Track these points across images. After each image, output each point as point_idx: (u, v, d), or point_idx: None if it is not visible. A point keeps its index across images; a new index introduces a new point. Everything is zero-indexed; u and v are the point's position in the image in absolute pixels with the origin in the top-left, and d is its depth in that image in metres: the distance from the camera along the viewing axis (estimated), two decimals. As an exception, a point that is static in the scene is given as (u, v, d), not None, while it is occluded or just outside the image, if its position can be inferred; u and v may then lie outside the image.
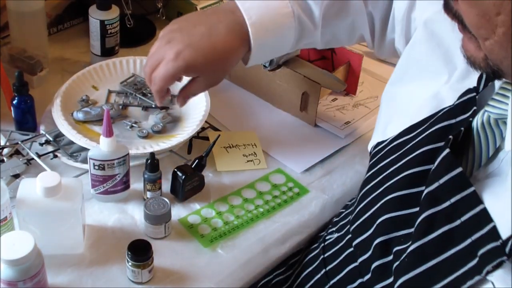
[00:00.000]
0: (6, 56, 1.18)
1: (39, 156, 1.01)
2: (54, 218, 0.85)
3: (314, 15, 0.95)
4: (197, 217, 0.97)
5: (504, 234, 0.60)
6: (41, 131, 1.06)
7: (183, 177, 0.96)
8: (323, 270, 0.86)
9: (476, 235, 0.62)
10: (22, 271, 0.75)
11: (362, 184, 0.82)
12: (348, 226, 0.84)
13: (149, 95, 1.15)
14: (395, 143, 0.79)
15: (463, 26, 0.62)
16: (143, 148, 1.03)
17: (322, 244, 0.91)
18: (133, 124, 1.09)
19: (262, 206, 1.01)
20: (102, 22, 1.21)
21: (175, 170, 0.98)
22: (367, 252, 0.77)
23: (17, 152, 1.02)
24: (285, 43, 0.96)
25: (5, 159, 0.99)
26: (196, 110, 1.11)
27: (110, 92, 1.16)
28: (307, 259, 0.93)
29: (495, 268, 0.60)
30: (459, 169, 0.65)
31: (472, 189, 0.64)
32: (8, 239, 0.75)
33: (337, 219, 0.94)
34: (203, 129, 1.12)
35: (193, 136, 1.08)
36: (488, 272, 0.60)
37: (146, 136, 1.06)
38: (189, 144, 1.09)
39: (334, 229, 0.91)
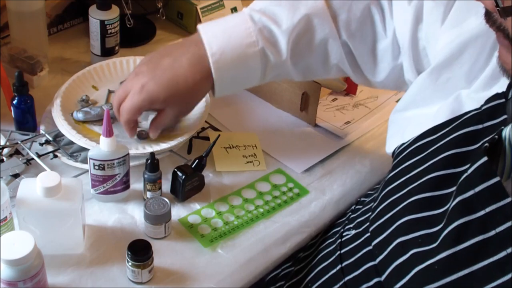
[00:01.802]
0: (6, 56, 1.18)
1: (39, 156, 1.01)
2: (54, 218, 0.85)
3: (279, 45, 0.93)
4: (197, 217, 0.97)
5: None
6: (41, 131, 1.06)
7: (183, 177, 0.96)
8: (339, 266, 0.85)
9: (511, 248, 0.61)
10: (22, 271, 0.75)
11: (384, 184, 0.81)
12: (367, 224, 0.83)
13: (149, 95, 1.15)
14: (418, 144, 0.78)
15: (505, 37, 0.62)
16: (143, 148, 1.03)
17: (339, 240, 0.89)
18: (133, 124, 1.09)
19: (262, 206, 1.01)
20: (102, 22, 1.21)
21: (175, 170, 0.98)
22: (385, 251, 0.75)
23: (17, 152, 1.02)
24: (251, 74, 0.95)
25: (4, 158, 0.99)
26: (196, 110, 1.11)
27: (110, 92, 1.16)
28: (322, 254, 0.92)
29: None
30: (496, 179, 0.64)
31: (508, 199, 0.62)
32: (8, 239, 0.75)
33: (354, 215, 0.92)
34: (203, 129, 1.12)
35: (193, 136, 1.08)
36: None
37: (146, 138, 1.06)
38: (189, 144, 1.09)
39: (351, 225, 0.90)
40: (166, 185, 0.99)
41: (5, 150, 1.01)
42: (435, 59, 0.85)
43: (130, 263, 0.85)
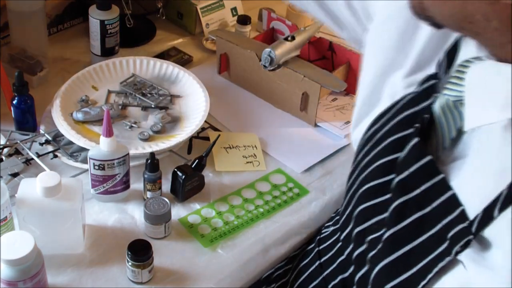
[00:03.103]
0: (6, 56, 1.18)
1: (38, 155, 1.01)
2: (54, 218, 0.85)
3: None
4: (197, 217, 0.97)
5: (471, 215, 0.62)
6: (41, 131, 1.06)
7: (183, 177, 0.96)
8: (317, 262, 0.87)
9: (446, 220, 0.64)
10: (22, 271, 0.75)
11: (347, 179, 0.84)
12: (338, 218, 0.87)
13: (148, 95, 1.15)
14: (367, 134, 0.80)
15: None
16: (142, 148, 1.03)
17: (318, 237, 0.92)
18: (133, 124, 1.09)
19: (262, 206, 1.01)
20: (102, 22, 1.20)
21: (175, 170, 0.98)
22: (350, 244, 0.79)
23: (17, 152, 1.02)
24: None
25: (3, 158, 0.99)
26: (196, 110, 1.11)
27: (109, 92, 1.16)
28: (304, 251, 0.95)
29: (463, 248, 0.62)
30: (428, 157, 0.67)
31: (441, 176, 0.65)
32: (8, 239, 0.75)
33: (334, 214, 0.96)
34: (203, 129, 1.12)
35: (193, 136, 1.08)
36: (457, 253, 0.62)
37: (148, 139, 1.06)
38: (189, 144, 1.09)
39: (330, 223, 0.93)
40: (166, 185, 0.99)
41: (5, 150, 1.01)
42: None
43: (130, 263, 0.85)
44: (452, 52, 0.71)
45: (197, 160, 1.00)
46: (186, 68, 1.22)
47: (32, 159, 1.01)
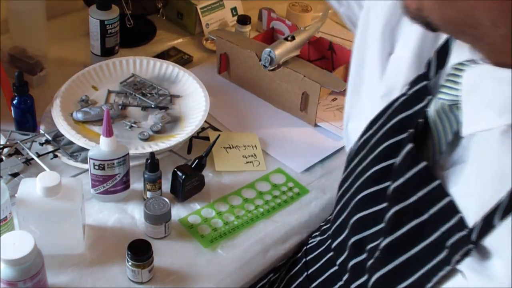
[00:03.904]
0: (6, 56, 1.18)
1: (38, 155, 1.01)
2: (54, 218, 0.85)
3: None
4: (197, 217, 0.97)
5: (470, 222, 0.61)
6: (41, 131, 1.06)
7: (183, 177, 0.96)
8: (305, 273, 0.86)
9: (444, 227, 0.63)
10: (22, 271, 0.75)
11: (338, 186, 0.82)
12: (327, 227, 0.85)
13: (148, 95, 1.15)
14: (361, 140, 0.79)
15: None
16: (142, 148, 1.03)
17: (305, 247, 0.91)
18: (133, 124, 1.09)
19: (262, 206, 1.01)
20: (102, 22, 1.20)
21: (175, 170, 0.98)
22: (344, 253, 0.77)
23: (17, 152, 1.02)
24: None
25: (3, 158, 0.99)
26: (196, 110, 1.11)
27: (109, 92, 1.16)
28: (291, 261, 0.94)
29: (463, 257, 0.61)
30: (423, 164, 0.66)
31: (437, 182, 0.64)
32: (8, 239, 0.75)
33: (322, 223, 0.94)
34: (203, 129, 1.12)
35: (193, 136, 1.08)
36: (457, 262, 0.61)
37: (148, 139, 1.06)
38: (189, 144, 1.09)
39: (317, 233, 0.92)
40: (166, 185, 0.99)
41: (5, 150, 1.01)
42: None
43: (130, 263, 0.85)
44: (442, 52, 0.70)
45: (197, 160, 1.00)
46: (186, 68, 1.22)
47: (32, 159, 1.01)
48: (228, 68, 1.26)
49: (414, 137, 0.68)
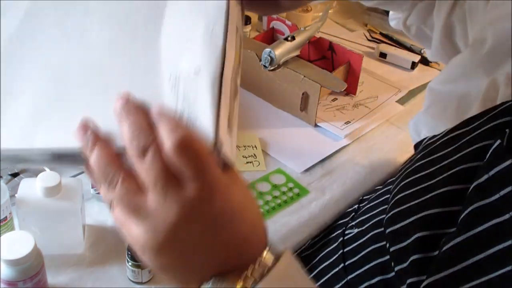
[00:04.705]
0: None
1: (39, 156, 1.01)
2: (54, 218, 0.85)
3: None
4: (197, 217, 0.97)
5: None
6: (41, 131, 1.05)
7: (183, 177, 0.96)
8: (342, 265, 0.83)
9: None
10: (22, 271, 0.75)
11: (406, 173, 0.77)
12: (373, 223, 0.80)
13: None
14: (450, 135, 0.75)
15: None
16: (143, 148, 1.03)
17: (341, 238, 0.86)
18: (133, 124, 1.09)
19: (262, 206, 1.01)
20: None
21: (175, 170, 0.97)
22: (401, 243, 0.70)
23: (17, 152, 1.02)
24: None
25: (4, 159, 0.99)
26: (196, 110, 1.11)
27: (110, 92, 1.16)
28: (324, 253, 0.88)
29: None
30: (510, 161, 0.60)
31: None
32: (8, 239, 0.75)
33: (357, 214, 0.89)
34: (203, 129, 1.12)
35: (193, 136, 1.08)
36: None
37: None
38: (189, 144, 1.09)
39: (353, 223, 0.87)
40: (166, 185, 0.99)
41: (5, 150, 1.01)
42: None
43: (130, 263, 0.85)
44: None
45: (197, 160, 0.99)
46: (186, 68, 1.22)
47: (32, 159, 1.00)
48: (228, 68, 1.26)
49: (508, 137, 0.64)
